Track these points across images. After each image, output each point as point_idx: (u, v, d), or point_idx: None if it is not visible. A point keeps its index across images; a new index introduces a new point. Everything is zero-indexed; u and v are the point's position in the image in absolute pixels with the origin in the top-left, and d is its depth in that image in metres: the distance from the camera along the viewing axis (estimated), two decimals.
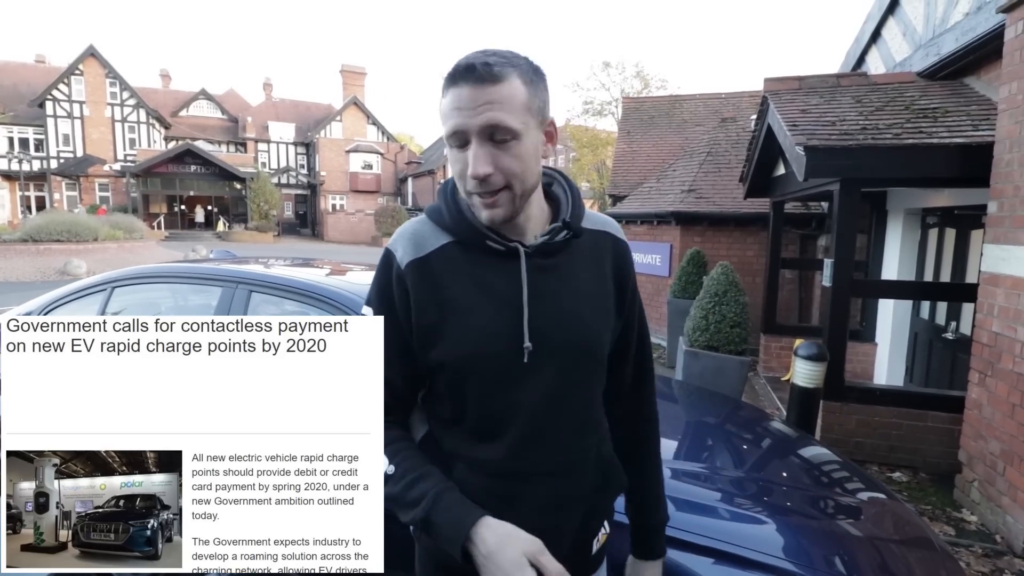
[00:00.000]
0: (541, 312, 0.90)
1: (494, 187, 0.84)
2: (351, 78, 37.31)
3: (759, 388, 5.77)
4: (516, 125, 0.82)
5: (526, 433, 0.90)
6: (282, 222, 33.45)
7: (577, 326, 0.92)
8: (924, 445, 3.84)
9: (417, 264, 0.90)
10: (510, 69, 0.82)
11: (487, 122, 0.80)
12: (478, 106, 0.80)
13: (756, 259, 7.36)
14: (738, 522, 1.54)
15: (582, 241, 0.96)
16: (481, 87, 0.80)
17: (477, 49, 0.85)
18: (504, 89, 0.81)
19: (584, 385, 0.95)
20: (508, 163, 0.83)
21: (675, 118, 12.65)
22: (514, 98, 0.82)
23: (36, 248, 14.77)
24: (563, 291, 0.92)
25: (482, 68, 0.80)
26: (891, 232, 5.75)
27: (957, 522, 3.12)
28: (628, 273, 1.02)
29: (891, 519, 1.78)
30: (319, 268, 2.39)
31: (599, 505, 1.00)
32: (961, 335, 4.50)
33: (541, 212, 0.96)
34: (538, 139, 0.87)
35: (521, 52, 0.88)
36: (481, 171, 0.82)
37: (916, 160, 3.59)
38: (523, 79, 0.83)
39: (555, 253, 0.93)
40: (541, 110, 0.87)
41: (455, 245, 0.92)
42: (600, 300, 0.96)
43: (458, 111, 0.82)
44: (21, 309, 2.58)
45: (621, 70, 23.48)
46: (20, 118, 28.79)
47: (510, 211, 0.87)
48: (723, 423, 2.50)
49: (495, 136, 0.82)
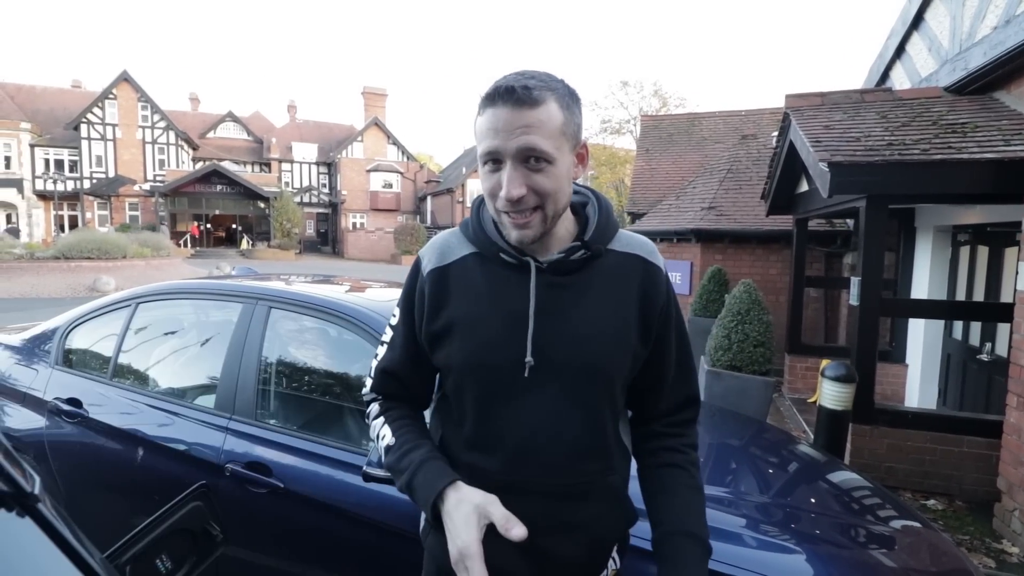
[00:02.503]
0: (547, 329, 0.89)
1: (526, 207, 0.85)
2: (372, 99, 38.15)
3: (784, 410, 5.62)
4: (551, 149, 0.83)
5: (522, 448, 0.90)
6: (304, 240, 34.04)
7: (584, 347, 0.90)
8: (960, 471, 3.68)
9: (437, 273, 0.96)
10: (548, 93, 0.82)
11: (523, 145, 0.81)
12: (515, 128, 0.81)
13: (779, 277, 7.24)
14: (764, 550, 1.47)
15: (607, 263, 0.94)
16: (519, 110, 0.81)
17: (515, 71, 0.86)
18: (541, 113, 0.81)
19: (589, 409, 0.92)
20: (541, 185, 0.84)
21: (694, 136, 12.62)
22: (551, 122, 0.82)
23: (68, 265, 15.19)
24: (573, 310, 0.91)
25: (521, 91, 0.80)
26: (920, 250, 5.61)
27: (997, 553, 2.97)
28: (657, 299, 0.96)
29: (927, 549, 1.69)
30: (339, 285, 2.40)
31: (606, 537, 0.97)
32: (997, 356, 4.33)
33: (566, 231, 0.95)
34: (570, 162, 0.88)
35: (558, 75, 0.88)
36: (515, 193, 0.83)
37: (946, 176, 3.50)
38: (560, 103, 0.84)
39: (571, 272, 0.92)
40: (575, 134, 0.87)
41: (475, 256, 0.95)
42: (617, 324, 0.92)
43: (495, 132, 0.82)
44: (49, 325, 2.63)
45: (639, 89, 23.74)
46: (56, 140, 29.95)
47: (540, 231, 0.88)
48: (747, 446, 2.43)
49: (530, 159, 0.83)
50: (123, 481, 2.12)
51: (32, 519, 0.44)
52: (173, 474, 1.96)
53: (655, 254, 0.99)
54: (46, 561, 0.45)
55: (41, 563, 0.45)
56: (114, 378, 2.31)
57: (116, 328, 2.41)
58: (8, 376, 2.51)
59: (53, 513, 0.46)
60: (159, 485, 1.98)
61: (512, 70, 0.87)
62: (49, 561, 0.45)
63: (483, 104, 0.84)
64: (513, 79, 0.82)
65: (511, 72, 0.85)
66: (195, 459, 1.93)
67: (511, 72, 0.85)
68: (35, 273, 14.63)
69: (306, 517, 1.75)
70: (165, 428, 2.05)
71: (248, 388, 1.98)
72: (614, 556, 1.00)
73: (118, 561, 0.88)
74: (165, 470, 1.99)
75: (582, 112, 0.90)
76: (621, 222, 10.49)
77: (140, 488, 2.07)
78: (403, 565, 1.50)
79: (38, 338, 2.60)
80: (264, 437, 1.88)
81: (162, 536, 1.00)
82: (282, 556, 1.82)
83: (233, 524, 1.27)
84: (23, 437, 2.33)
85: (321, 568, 1.76)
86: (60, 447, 2.26)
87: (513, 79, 0.82)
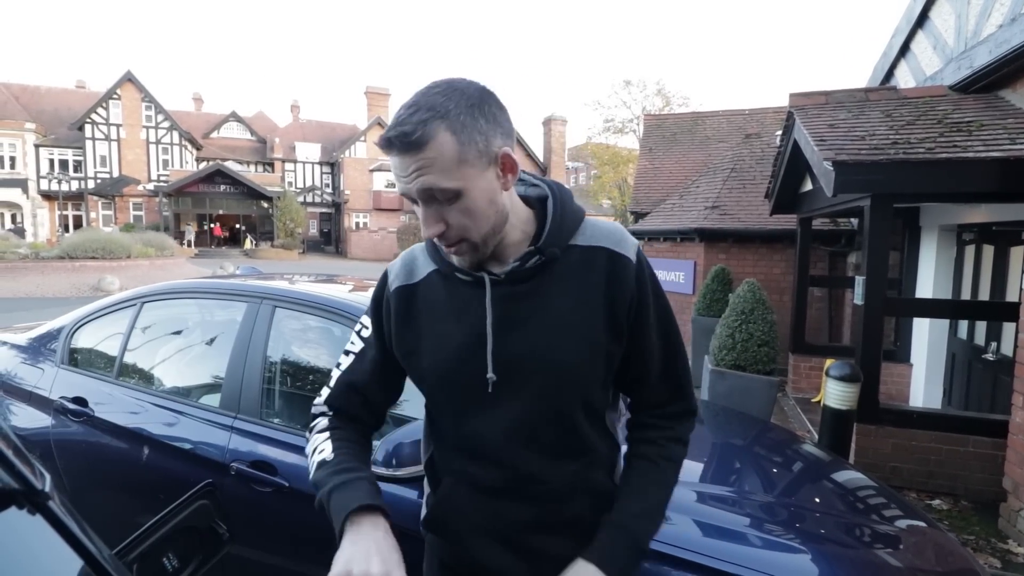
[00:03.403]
0: (509, 341, 0.89)
1: (451, 240, 0.85)
2: (376, 99, 38.15)
3: (788, 409, 5.61)
4: (451, 185, 0.79)
5: (500, 457, 0.92)
6: (307, 240, 34.08)
7: (548, 355, 0.88)
8: (965, 471, 3.67)
9: (402, 291, 0.97)
10: (433, 125, 0.76)
11: (422, 186, 0.79)
12: (409, 173, 0.79)
13: (783, 276, 7.22)
14: (768, 549, 1.47)
15: (569, 261, 0.91)
16: (405, 156, 0.78)
17: (405, 102, 0.80)
18: (430, 151, 0.77)
19: (561, 412, 0.91)
20: (457, 219, 0.82)
21: (697, 135, 12.59)
22: (443, 157, 0.77)
23: (72, 265, 15.26)
24: (534, 318, 0.89)
25: (398, 140, 0.77)
26: (925, 249, 5.59)
27: (1003, 553, 2.96)
28: (624, 289, 0.90)
29: (933, 549, 1.68)
30: (342, 284, 2.40)
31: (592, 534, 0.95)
32: (1002, 356, 4.32)
33: (523, 234, 0.92)
34: (488, 181, 0.82)
35: (462, 80, 0.82)
36: (432, 232, 0.83)
37: (951, 175, 3.48)
38: (452, 129, 0.77)
39: (530, 278, 0.90)
40: (484, 151, 0.80)
41: (437, 273, 0.95)
42: (583, 322, 0.89)
43: (397, 177, 0.82)
44: (54, 324, 2.64)
45: (642, 88, 23.72)
46: (61, 140, 30.06)
47: (475, 257, 0.88)
48: (751, 445, 2.42)
49: (436, 197, 0.81)
50: (128, 480, 2.13)
51: (43, 516, 0.45)
52: (178, 473, 1.96)
53: (623, 242, 0.92)
54: (58, 558, 0.45)
55: (53, 560, 0.45)
56: (119, 377, 2.31)
57: (121, 327, 2.42)
58: (14, 375, 2.53)
59: (64, 511, 0.46)
60: (164, 484, 1.99)
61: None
62: (61, 558, 0.45)
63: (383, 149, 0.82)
64: (396, 122, 0.78)
65: (402, 105, 0.80)
66: (200, 458, 1.94)
67: (402, 105, 0.80)
68: (40, 273, 14.71)
69: (311, 516, 1.75)
70: (170, 427, 2.06)
71: (253, 387, 1.98)
72: None
73: (125, 559, 0.88)
74: (170, 469, 2.00)
75: (497, 115, 0.82)
76: (623, 221, 10.35)
77: (145, 487, 2.08)
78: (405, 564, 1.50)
79: (44, 337, 2.61)
80: (269, 436, 1.88)
81: (169, 534, 1.00)
82: (287, 555, 1.83)
83: (238, 523, 1.27)
84: (29, 436, 2.34)
85: (325, 567, 1.77)
86: (66, 446, 2.27)
87: (396, 122, 0.78)
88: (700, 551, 1.39)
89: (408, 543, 0.94)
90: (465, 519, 0.96)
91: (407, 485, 1.59)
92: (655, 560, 1.39)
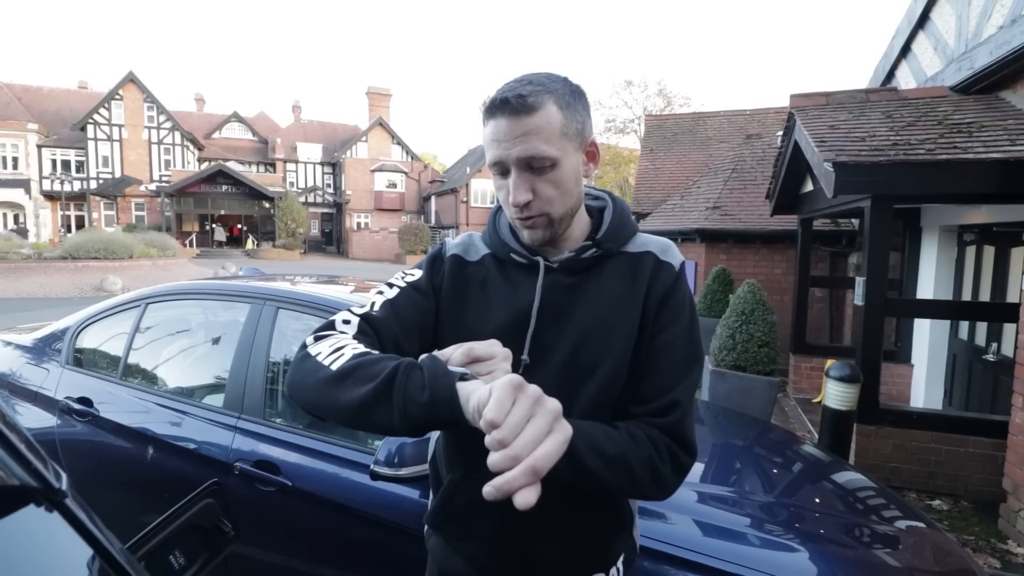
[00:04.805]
0: (549, 329, 0.90)
1: (533, 212, 0.86)
2: (377, 99, 38.18)
3: (789, 410, 5.61)
4: (553, 153, 0.83)
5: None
6: (308, 240, 34.09)
7: (583, 347, 0.89)
8: (965, 472, 3.67)
9: (457, 259, 0.99)
10: (545, 96, 0.82)
11: (523, 153, 0.82)
12: (515, 138, 0.82)
13: (784, 277, 7.22)
14: (768, 549, 1.48)
15: (622, 263, 0.94)
16: (516, 119, 0.81)
17: (515, 77, 0.86)
18: (539, 118, 0.81)
19: (585, 408, 0.88)
20: (546, 190, 0.85)
21: (699, 135, 12.59)
22: (550, 126, 0.82)
23: (75, 265, 15.28)
24: (576, 312, 0.90)
25: (515, 100, 0.81)
26: (926, 250, 5.59)
27: (1003, 554, 2.96)
28: (659, 292, 0.91)
29: (931, 550, 1.70)
30: (344, 285, 2.42)
31: (599, 535, 0.96)
32: (1003, 357, 4.32)
33: (581, 231, 0.96)
34: (577, 161, 0.88)
35: (559, 73, 0.89)
36: (521, 199, 0.85)
37: (951, 176, 3.49)
38: (559, 104, 0.83)
39: (581, 271, 0.92)
40: (580, 132, 0.87)
41: (491, 257, 0.98)
42: (620, 322, 0.90)
43: (496, 143, 0.84)
44: (59, 325, 2.66)
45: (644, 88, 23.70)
46: (63, 141, 30.10)
47: (549, 233, 0.90)
48: (752, 446, 2.43)
49: (533, 165, 0.83)
50: (133, 480, 2.15)
51: (61, 514, 0.46)
52: (182, 473, 1.98)
53: (669, 252, 0.95)
54: (75, 556, 0.46)
55: (69, 558, 0.46)
56: (124, 377, 2.33)
57: (126, 328, 2.44)
58: (20, 375, 2.54)
59: (80, 509, 0.47)
60: (169, 483, 2.01)
61: (516, 72, 0.88)
62: (78, 556, 0.46)
63: (485, 116, 0.85)
64: (508, 88, 0.83)
65: (511, 79, 0.86)
66: (204, 458, 1.96)
67: (511, 79, 0.86)
68: (43, 273, 14.72)
69: (314, 515, 1.77)
70: (174, 427, 2.07)
71: (256, 387, 2.00)
72: (618, 566, 0.99)
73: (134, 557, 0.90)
74: (175, 469, 2.01)
75: (589, 109, 0.90)
76: None
77: (150, 486, 2.09)
78: (410, 563, 1.52)
79: (49, 338, 2.63)
80: (272, 436, 1.90)
81: (175, 533, 1.02)
82: (290, 554, 1.84)
83: (242, 522, 1.28)
84: (35, 436, 2.35)
85: (328, 566, 1.78)
86: (71, 446, 2.29)
87: (508, 88, 0.83)
88: (700, 551, 1.41)
89: (411, 543, 0.95)
90: (470, 516, 0.94)
91: (409, 485, 1.60)
92: (655, 560, 1.40)
